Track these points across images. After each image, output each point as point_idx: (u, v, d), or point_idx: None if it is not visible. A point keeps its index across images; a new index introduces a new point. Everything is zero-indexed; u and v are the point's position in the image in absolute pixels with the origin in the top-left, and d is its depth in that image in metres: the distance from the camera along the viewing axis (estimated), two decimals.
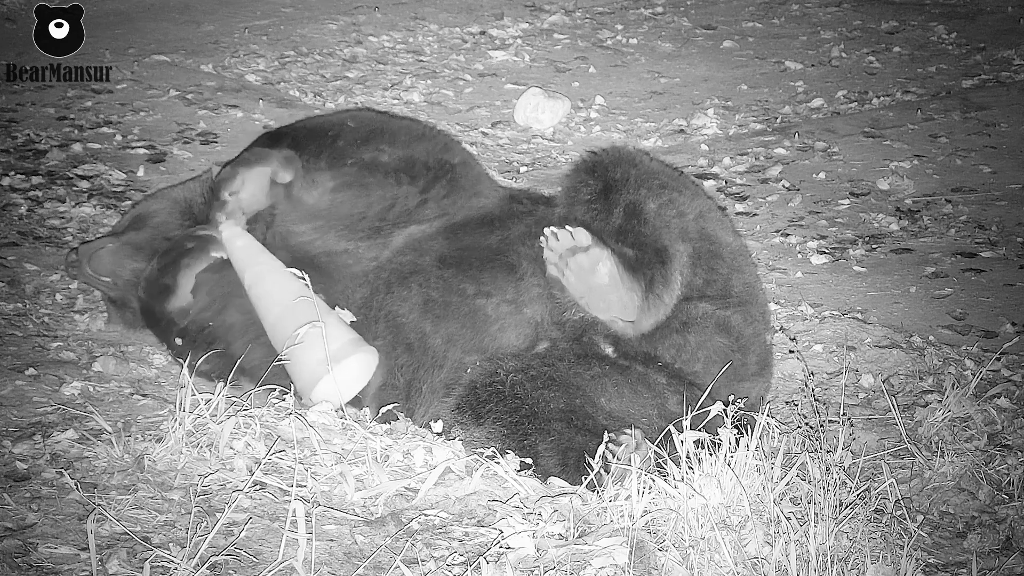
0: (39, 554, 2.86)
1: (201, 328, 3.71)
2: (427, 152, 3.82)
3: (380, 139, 3.81)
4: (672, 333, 3.50)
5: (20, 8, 7.89)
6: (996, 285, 4.89)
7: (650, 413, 3.42)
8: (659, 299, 3.48)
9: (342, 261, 3.75)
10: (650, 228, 3.54)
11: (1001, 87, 7.47)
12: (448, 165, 3.81)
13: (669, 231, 3.55)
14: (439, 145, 3.87)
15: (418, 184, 3.77)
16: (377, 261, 3.73)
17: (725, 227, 3.74)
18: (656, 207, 3.57)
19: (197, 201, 3.94)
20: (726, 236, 3.69)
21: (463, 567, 2.93)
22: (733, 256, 3.65)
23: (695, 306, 3.53)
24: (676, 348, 3.50)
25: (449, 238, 3.74)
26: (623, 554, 2.95)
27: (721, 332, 3.52)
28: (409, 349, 3.63)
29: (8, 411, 3.49)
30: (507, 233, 3.72)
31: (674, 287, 3.51)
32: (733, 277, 3.61)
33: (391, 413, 3.58)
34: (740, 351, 3.53)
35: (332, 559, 2.96)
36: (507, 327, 3.58)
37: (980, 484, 3.43)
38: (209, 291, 3.72)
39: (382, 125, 3.91)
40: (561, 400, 3.39)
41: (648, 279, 3.46)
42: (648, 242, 3.52)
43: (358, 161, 3.76)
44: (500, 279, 3.63)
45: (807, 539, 2.95)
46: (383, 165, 3.76)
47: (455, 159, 3.85)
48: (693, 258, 3.55)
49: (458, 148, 3.97)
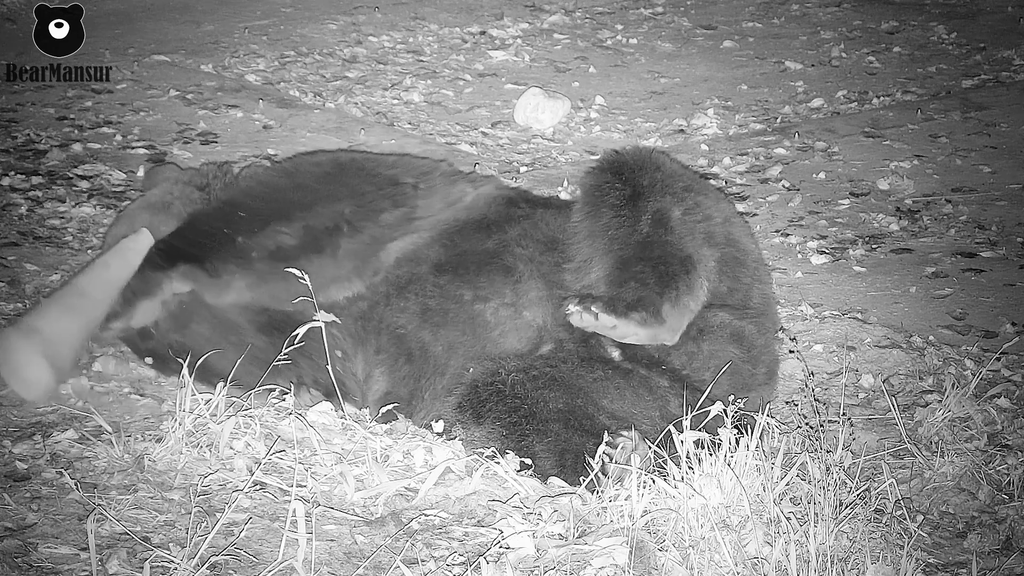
0: (39, 554, 2.86)
1: (170, 343, 3.71)
2: (323, 216, 3.71)
3: (276, 220, 3.70)
4: (688, 341, 3.50)
5: (20, 8, 7.89)
6: (996, 285, 4.89)
7: (652, 415, 3.42)
8: (686, 308, 3.48)
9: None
10: (676, 237, 3.53)
11: (1001, 87, 7.47)
12: (343, 220, 3.71)
13: (694, 238, 3.55)
14: (333, 200, 3.75)
15: (326, 253, 3.68)
16: (372, 276, 3.72)
17: (747, 232, 3.75)
18: (681, 213, 3.57)
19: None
20: (749, 243, 3.70)
21: (463, 567, 2.93)
22: (756, 265, 3.67)
23: (715, 314, 3.54)
24: (688, 356, 3.50)
25: (445, 244, 3.72)
26: (623, 554, 2.95)
27: (735, 343, 3.52)
28: (410, 359, 3.62)
29: (8, 411, 3.49)
30: (503, 236, 3.71)
31: (700, 295, 3.51)
32: (754, 287, 3.62)
33: (391, 413, 3.58)
34: (750, 362, 3.53)
35: (332, 559, 2.96)
36: (507, 331, 3.58)
37: (980, 484, 3.43)
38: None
39: (271, 200, 3.76)
40: (561, 401, 3.39)
41: (674, 295, 3.46)
42: (674, 252, 3.51)
43: (263, 254, 3.67)
44: (497, 283, 3.62)
45: (807, 539, 2.95)
46: (290, 251, 3.67)
47: (347, 210, 3.73)
48: (720, 263, 3.56)
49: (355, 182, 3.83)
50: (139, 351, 3.77)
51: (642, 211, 3.56)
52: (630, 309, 3.41)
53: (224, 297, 3.68)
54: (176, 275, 3.66)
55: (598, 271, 3.54)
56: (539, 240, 3.70)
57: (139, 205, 4.02)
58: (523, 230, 3.72)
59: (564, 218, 3.74)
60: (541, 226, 3.73)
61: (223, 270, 3.65)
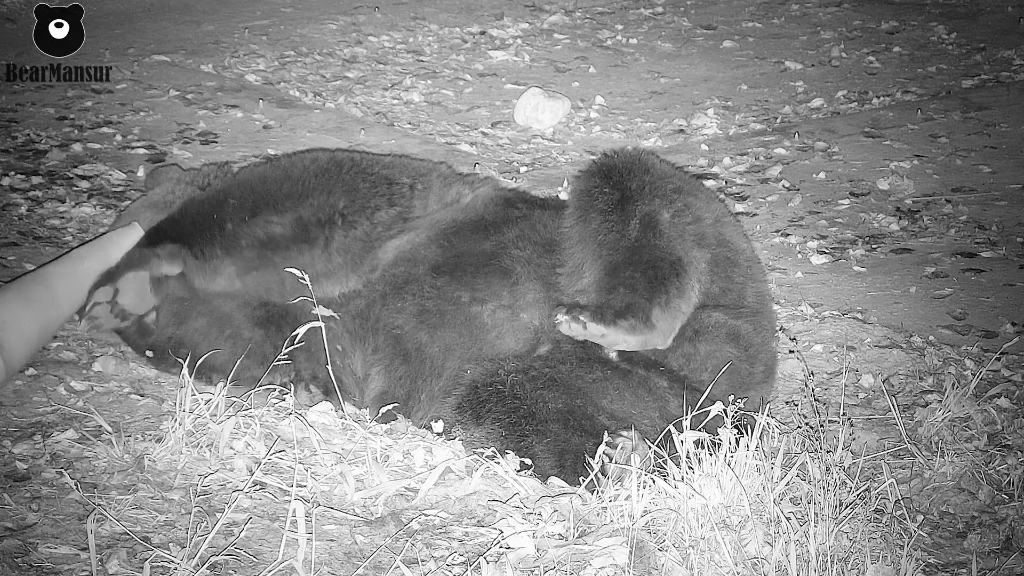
0: (39, 554, 2.86)
1: (169, 338, 3.70)
2: (315, 208, 3.72)
3: (266, 209, 3.71)
4: (684, 342, 3.49)
5: (20, 8, 7.89)
6: (996, 285, 4.89)
7: (651, 415, 3.42)
8: (677, 311, 3.48)
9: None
10: (665, 240, 3.52)
11: (1001, 87, 7.48)
12: (337, 214, 3.72)
13: (684, 240, 3.54)
14: (326, 193, 3.75)
15: (318, 245, 3.70)
16: (370, 269, 3.72)
17: (739, 232, 3.74)
18: (670, 216, 3.56)
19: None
20: (741, 242, 3.69)
21: (463, 567, 2.93)
22: (749, 264, 3.66)
23: (709, 315, 3.53)
24: (686, 357, 3.50)
25: (443, 245, 3.72)
26: (623, 554, 2.95)
27: (731, 342, 3.52)
28: (407, 360, 3.62)
29: (8, 411, 3.49)
30: (501, 238, 3.71)
31: (691, 297, 3.51)
32: (748, 286, 3.61)
33: (391, 413, 3.58)
34: (748, 361, 3.53)
35: (332, 559, 2.96)
36: (505, 333, 3.58)
37: (980, 484, 3.43)
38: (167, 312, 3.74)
39: (264, 191, 3.77)
40: (560, 401, 3.39)
41: (664, 300, 3.45)
42: (664, 255, 3.51)
43: (252, 242, 3.68)
44: (495, 285, 3.62)
45: (807, 539, 2.95)
46: (280, 240, 3.68)
47: (341, 203, 3.74)
48: (711, 264, 3.55)
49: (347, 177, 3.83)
50: (139, 347, 3.77)
51: (631, 215, 3.55)
52: (618, 316, 3.41)
53: (211, 282, 3.68)
54: (164, 254, 3.67)
55: (589, 277, 3.54)
56: (537, 242, 3.69)
57: (140, 204, 4.03)
58: (521, 232, 3.72)
59: (563, 220, 3.74)
60: (539, 228, 3.73)
61: (211, 254, 3.67)
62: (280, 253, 3.63)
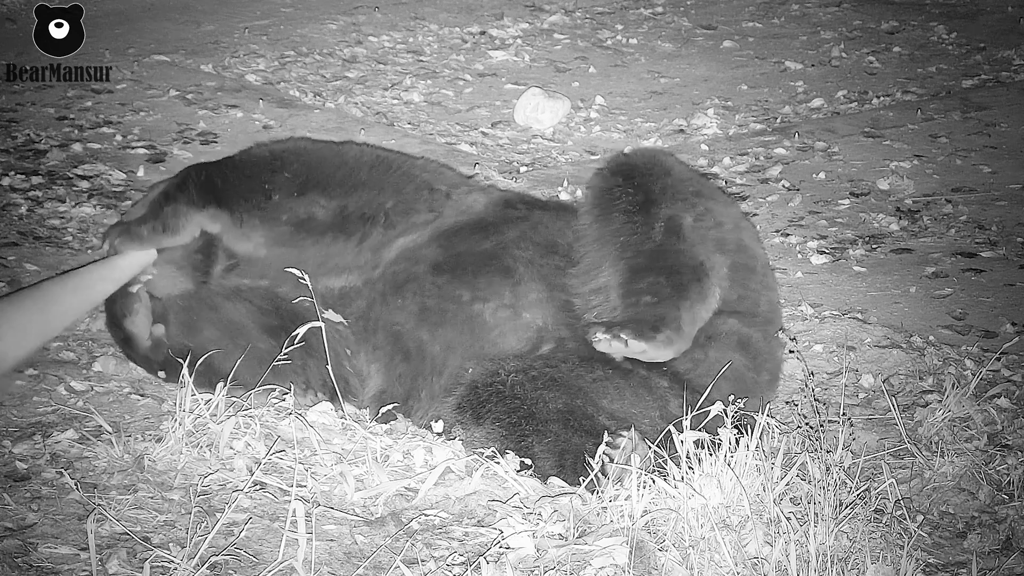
0: (39, 554, 2.86)
1: (181, 351, 3.69)
2: (363, 202, 3.75)
3: (316, 191, 3.73)
4: (694, 348, 3.49)
5: (20, 8, 7.89)
6: (996, 285, 4.89)
7: (652, 415, 3.42)
8: (699, 317, 3.48)
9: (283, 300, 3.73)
10: (688, 245, 3.52)
11: (1001, 87, 7.48)
12: (383, 212, 3.75)
13: (706, 245, 3.54)
14: (377, 189, 3.78)
15: (354, 238, 3.72)
16: (372, 271, 3.72)
17: (756, 237, 3.74)
18: (693, 220, 3.56)
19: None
20: (758, 248, 3.70)
21: (463, 567, 2.93)
22: (764, 271, 3.66)
23: (724, 321, 3.53)
24: (693, 362, 3.49)
25: (443, 245, 3.72)
26: (623, 554, 2.95)
27: (741, 350, 3.52)
28: (407, 358, 3.62)
29: (8, 411, 3.49)
30: (502, 238, 3.71)
31: (712, 303, 3.51)
32: (762, 294, 3.61)
33: (391, 413, 3.58)
34: (754, 370, 3.53)
35: (332, 559, 2.96)
36: (506, 332, 3.58)
37: (980, 484, 3.43)
38: (174, 321, 3.72)
39: (319, 172, 3.80)
40: (560, 401, 3.39)
41: (688, 305, 3.45)
42: (687, 261, 3.50)
43: (292, 219, 3.71)
44: (496, 284, 3.62)
45: (807, 539, 2.95)
46: (319, 224, 3.71)
47: (389, 203, 3.77)
48: (731, 270, 3.55)
49: (410, 175, 3.87)
50: (151, 366, 3.74)
51: (654, 218, 3.55)
52: (655, 331, 3.40)
53: (239, 246, 3.71)
54: (206, 215, 3.70)
55: (608, 277, 3.53)
56: (538, 243, 3.70)
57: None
58: (522, 232, 3.72)
59: (563, 220, 3.74)
60: (540, 228, 3.73)
61: (248, 222, 3.70)
62: (314, 236, 3.66)
